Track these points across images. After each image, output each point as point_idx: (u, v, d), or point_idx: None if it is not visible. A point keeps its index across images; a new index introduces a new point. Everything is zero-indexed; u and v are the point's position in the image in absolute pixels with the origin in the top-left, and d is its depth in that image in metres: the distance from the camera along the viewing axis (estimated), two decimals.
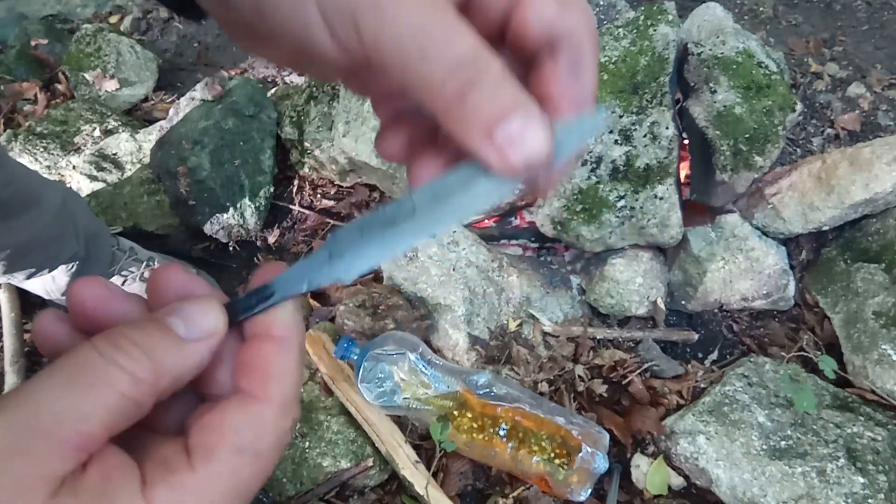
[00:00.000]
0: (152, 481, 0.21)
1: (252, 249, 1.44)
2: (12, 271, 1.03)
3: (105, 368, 0.21)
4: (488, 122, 0.21)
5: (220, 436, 0.22)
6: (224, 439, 0.22)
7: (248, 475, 0.23)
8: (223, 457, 0.22)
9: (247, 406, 0.23)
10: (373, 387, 0.97)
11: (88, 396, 0.21)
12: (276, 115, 1.48)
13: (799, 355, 1.13)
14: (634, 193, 1.10)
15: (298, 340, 0.26)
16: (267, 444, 0.23)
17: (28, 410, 0.20)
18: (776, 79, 1.12)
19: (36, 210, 0.98)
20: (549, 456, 0.93)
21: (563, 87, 0.24)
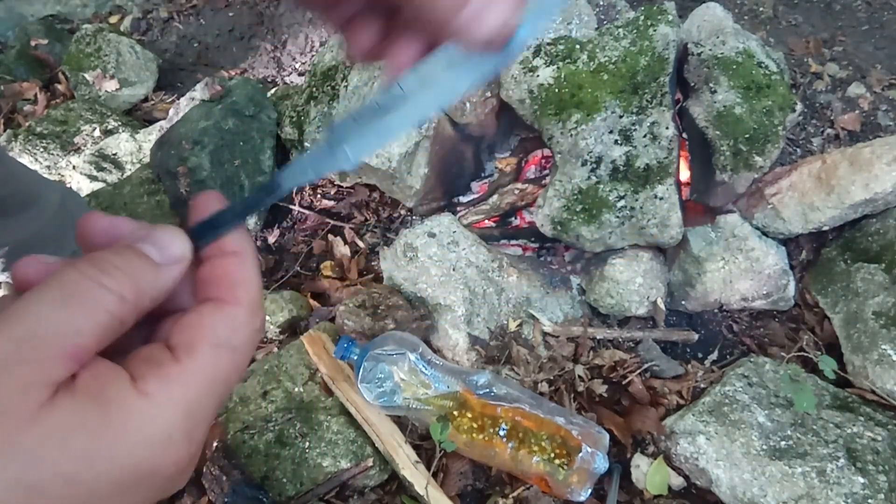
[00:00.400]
0: (141, 376, 0.23)
1: None
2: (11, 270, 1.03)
3: (93, 289, 0.23)
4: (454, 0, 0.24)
5: (199, 333, 0.25)
6: (203, 336, 0.25)
7: (227, 368, 0.25)
8: (204, 350, 0.24)
9: (220, 308, 0.26)
10: (373, 387, 0.97)
11: (80, 313, 0.23)
12: (276, 115, 1.48)
13: (799, 355, 1.13)
14: (634, 193, 1.10)
15: (252, 252, 0.28)
16: (241, 340, 0.26)
17: (26, 324, 0.22)
18: (776, 79, 1.12)
19: (35, 209, 0.99)
20: (549, 456, 0.93)
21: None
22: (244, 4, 1.99)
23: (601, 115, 1.09)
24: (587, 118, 1.10)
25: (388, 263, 1.21)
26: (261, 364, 1.13)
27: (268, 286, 1.36)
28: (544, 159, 1.39)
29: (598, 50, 1.11)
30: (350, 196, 1.46)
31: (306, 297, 1.30)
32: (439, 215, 1.21)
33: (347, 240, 1.40)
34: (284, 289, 1.32)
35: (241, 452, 1.00)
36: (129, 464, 0.22)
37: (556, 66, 1.12)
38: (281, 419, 1.03)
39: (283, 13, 1.95)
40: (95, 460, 0.21)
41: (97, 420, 0.22)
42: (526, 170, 1.39)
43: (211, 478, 0.94)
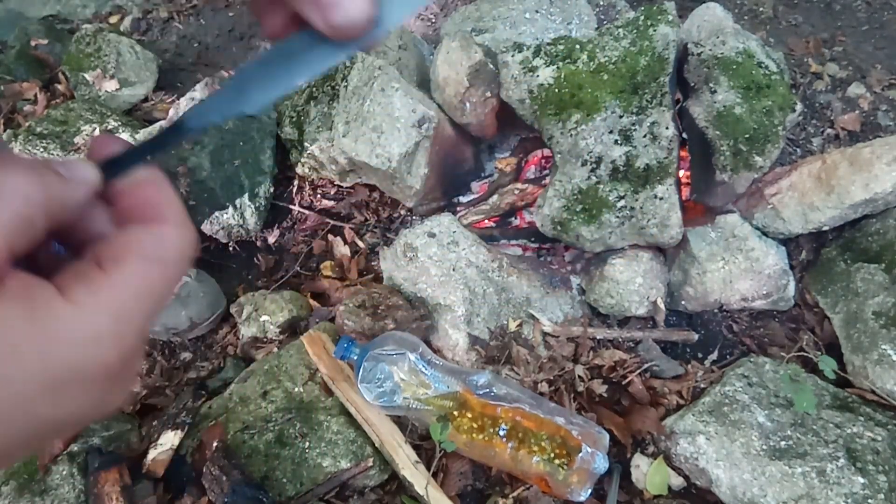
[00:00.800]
0: (69, 286, 0.23)
1: (252, 249, 1.44)
2: None
3: (1, 187, 0.23)
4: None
5: (126, 247, 0.25)
6: (131, 249, 0.25)
7: (157, 279, 0.25)
8: (132, 261, 0.25)
9: (147, 226, 0.26)
10: (373, 387, 0.97)
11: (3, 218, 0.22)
12: (276, 115, 1.48)
13: (799, 355, 1.13)
14: (634, 193, 1.10)
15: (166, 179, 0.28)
16: (171, 254, 0.26)
17: None
18: (776, 79, 1.12)
19: None
20: (549, 456, 0.93)
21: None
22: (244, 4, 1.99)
23: (601, 115, 1.09)
24: (587, 118, 1.10)
25: (388, 263, 1.21)
26: (261, 364, 1.13)
27: (268, 286, 1.36)
28: (544, 159, 1.39)
29: (598, 50, 1.11)
30: (350, 196, 1.46)
31: (306, 297, 1.30)
32: (439, 215, 1.21)
33: (347, 240, 1.40)
34: (284, 289, 1.32)
35: (241, 452, 1.00)
36: (56, 362, 0.22)
37: (556, 66, 1.12)
38: (281, 419, 1.03)
39: None
40: (24, 357, 0.21)
41: (24, 321, 0.22)
42: (526, 170, 1.39)
43: (211, 478, 0.94)
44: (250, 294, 1.29)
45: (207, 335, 1.32)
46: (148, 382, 1.24)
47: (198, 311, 1.26)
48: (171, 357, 1.31)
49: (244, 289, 1.37)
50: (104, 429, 1.07)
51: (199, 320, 1.27)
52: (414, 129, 1.21)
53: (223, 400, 1.09)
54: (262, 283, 1.38)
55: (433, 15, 1.86)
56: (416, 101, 1.21)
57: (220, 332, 1.32)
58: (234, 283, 1.40)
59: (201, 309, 1.27)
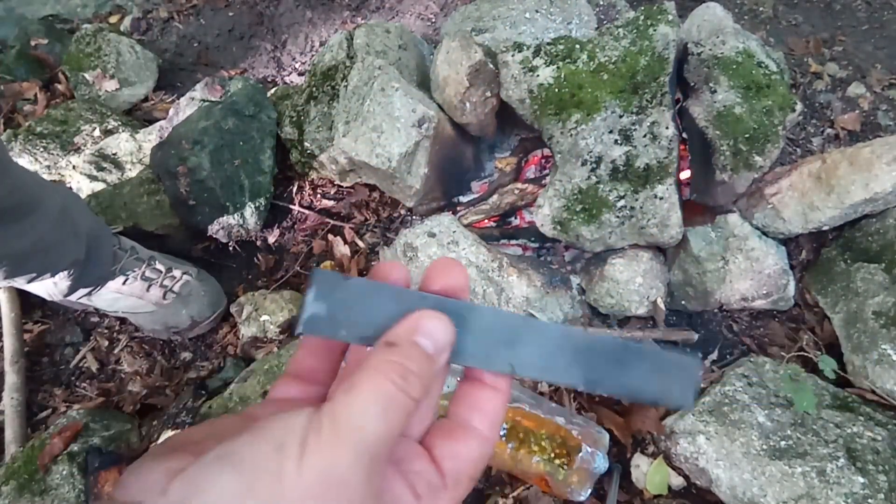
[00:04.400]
0: (422, 496, 0.28)
1: (252, 249, 1.44)
2: (13, 276, 1.03)
3: (403, 398, 0.27)
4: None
5: (466, 467, 0.30)
6: (469, 470, 0.30)
7: (466, 495, 0.30)
8: (465, 483, 0.30)
9: (482, 445, 0.30)
10: None
11: (396, 421, 0.26)
12: (276, 115, 1.48)
13: (799, 355, 1.13)
14: (634, 193, 1.09)
15: (508, 391, 0.33)
16: (480, 474, 0.31)
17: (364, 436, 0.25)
18: (776, 79, 1.12)
19: (36, 215, 0.97)
20: (549, 456, 0.93)
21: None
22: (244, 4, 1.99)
23: (601, 114, 1.09)
24: (587, 118, 1.10)
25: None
26: (261, 364, 1.13)
27: (268, 286, 1.36)
28: (544, 159, 1.39)
29: (598, 50, 1.11)
30: (350, 196, 1.46)
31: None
32: (439, 215, 1.21)
33: (347, 240, 1.40)
34: (284, 289, 1.32)
35: None
36: None
37: (556, 65, 1.12)
38: None
39: (283, 13, 1.95)
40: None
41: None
42: (526, 170, 1.39)
43: None
44: (250, 294, 1.29)
45: (207, 335, 1.32)
46: (148, 382, 1.24)
47: (199, 309, 1.26)
48: (171, 357, 1.31)
49: (244, 289, 1.37)
50: (104, 429, 1.07)
51: (200, 319, 1.27)
52: (414, 129, 1.21)
53: (223, 400, 1.09)
54: (263, 283, 1.38)
55: (433, 15, 1.86)
56: (416, 101, 1.21)
57: (220, 331, 1.32)
58: (234, 283, 1.40)
59: (202, 307, 1.27)
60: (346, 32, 1.48)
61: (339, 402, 0.26)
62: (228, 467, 0.23)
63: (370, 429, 0.25)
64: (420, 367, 0.28)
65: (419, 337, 0.29)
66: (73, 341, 1.33)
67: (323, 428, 0.25)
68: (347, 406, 0.26)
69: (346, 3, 1.94)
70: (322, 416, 0.25)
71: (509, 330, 0.32)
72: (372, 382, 0.27)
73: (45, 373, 1.29)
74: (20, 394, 1.19)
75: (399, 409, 0.26)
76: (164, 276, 1.25)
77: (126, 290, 1.21)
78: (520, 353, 0.31)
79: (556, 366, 0.32)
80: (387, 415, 0.26)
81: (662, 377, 0.32)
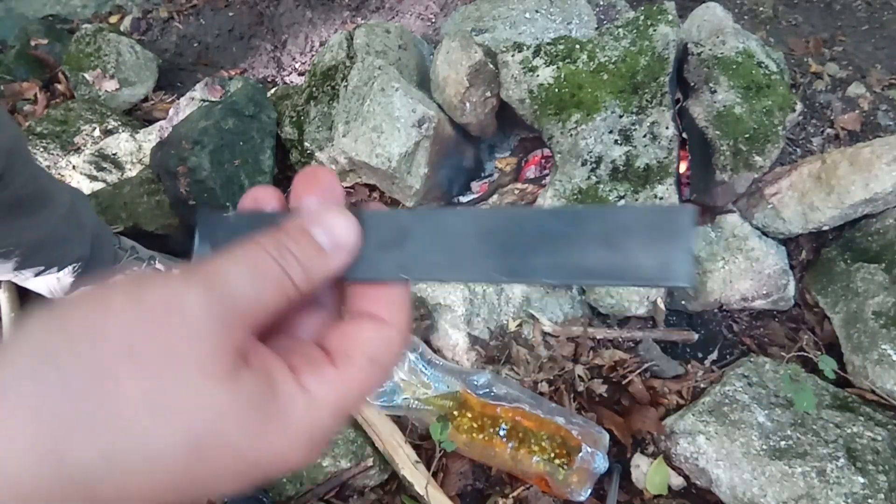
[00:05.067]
0: (301, 371, 0.24)
1: None
2: (23, 268, 1.04)
3: (276, 270, 0.24)
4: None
5: (357, 345, 0.26)
6: (361, 348, 0.26)
7: (373, 382, 0.26)
8: (359, 362, 0.25)
9: (379, 327, 0.26)
10: None
11: (267, 291, 0.24)
12: (276, 115, 1.48)
13: (799, 355, 1.13)
14: (634, 193, 1.09)
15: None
16: (390, 360, 0.26)
17: (222, 287, 0.22)
18: (776, 79, 1.12)
19: (49, 209, 1.00)
20: (549, 456, 0.93)
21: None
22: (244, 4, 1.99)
23: (601, 114, 1.09)
24: (587, 118, 1.10)
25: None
26: None
27: None
28: (544, 159, 1.39)
29: (598, 50, 1.11)
30: (350, 196, 1.46)
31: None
32: None
33: None
34: None
35: None
36: (278, 453, 0.23)
37: (556, 65, 1.12)
38: None
39: (283, 13, 1.95)
40: (262, 444, 0.22)
41: (270, 405, 0.22)
42: (526, 170, 1.39)
43: None
44: None
45: None
46: None
47: None
48: None
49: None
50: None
51: None
52: (414, 129, 1.21)
53: None
54: None
55: (433, 15, 1.86)
56: (416, 101, 1.21)
57: None
58: None
59: None
60: (346, 32, 1.48)
61: (208, 261, 0.23)
62: (54, 307, 0.21)
63: (234, 284, 0.23)
64: (305, 253, 0.25)
65: (313, 227, 0.26)
66: None
67: (176, 274, 0.22)
68: (212, 263, 0.23)
69: (346, 3, 1.94)
70: (181, 268, 0.23)
71: (399, 228, 0.27)
72: (246, 249, 0.24)
73: None
74: None
75: (272, 281, 0.24)
76: None
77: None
78: (410, 251, 0.26)
79: (461, 259, 0.26)
80: (255, 280, 0.23)
81: (628, 243, 0.23)
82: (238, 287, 0.23)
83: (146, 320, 0.21)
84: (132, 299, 0.21)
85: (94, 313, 0.21)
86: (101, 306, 0.21)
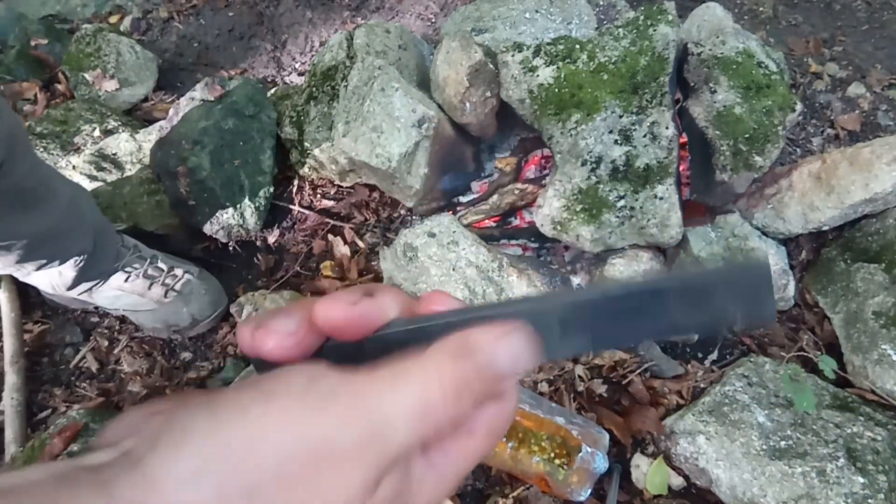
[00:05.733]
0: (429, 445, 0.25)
1: (252, 249, 1.44)
2: (26, 261, 1.04)
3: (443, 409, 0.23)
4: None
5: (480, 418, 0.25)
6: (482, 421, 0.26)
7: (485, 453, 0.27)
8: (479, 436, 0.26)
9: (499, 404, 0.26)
10: None
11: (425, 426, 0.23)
12: (276, 115, 1.48)
13: (799, 355, 1.13)
14: (634, 193, 1.09)
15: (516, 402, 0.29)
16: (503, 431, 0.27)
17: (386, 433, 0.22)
18: (776, 79, 1.12)
19: (51, 202, 1.00)
20: (548, 456, 0.93)
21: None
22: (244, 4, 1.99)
23: (601, 115, 1.09)
24: (587, 118, 1.10)
25: (387, 263, 1.21)
26: None
27: (268, 286, 1.36)
28: (544, 159, 1.38)
29: (598, 50, 1.11)
30: (350, 196, 1.46)
31: (306, 297, 1.30)
32: (439, 215, 1.21)
33: (347, 240, 1.40)
34: (284, 289, 1.32)
35: None
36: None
37: (555, 65, 1.12)
38: None
39: (283, 13, 1.95)
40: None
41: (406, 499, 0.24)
42: (526, 170, 1.39)
43: None
44: (250, 294, 1.29)
45: (207, 335, 1.32)
46: (148, 382, 1.24)
47: (200, 308, 1.26)
48: (171, 357, 1.31)
49: (244, 289, 1.37)
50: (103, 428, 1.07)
51: (200, 317, 1.27)
52: (414, 129, 1.21)
53: None
54: (262, 283, 1.38)
55: (433, 15, 1.86)
56: (416, 101, 1.21)
57: (220, 332, 1.32)
58: (234, 284, 1.39)
59: (203, 306, 1.27)
60: (346, 32, 1.48)
61: (366, 379, 0.22)
62: (206, 408, 0.21)
63: (397, 433, 0.22)
64: (483, 385, 0.24)
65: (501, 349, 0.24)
66: (73, 341, 1.33)
67: (330, 393, 0.21)
68: (377, 386, 0.22)
69: (346, 3, 1.94)
70: (336, 382, 0.22)
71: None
72: (426, 376, 0.23)
73: (45, 373, 1.29)
74: (20, 394, 1.19)
75: (436, 421, 0.23)
76: (166, 274, 1.25)
77: (128, 287, 1.21)
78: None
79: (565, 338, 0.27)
80: (423, 422, 0.22)
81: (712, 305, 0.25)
82: (395, 430, 0.22)
83: (299, 451, 0.20)
84: (289, 427, 0.21)
85: (250, 433, 0.20)
86: (259, 428, 0.20)
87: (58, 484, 0.19)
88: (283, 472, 0.20)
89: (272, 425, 0.20)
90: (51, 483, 0.19)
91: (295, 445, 0.20)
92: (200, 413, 0.21)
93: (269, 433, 0.20)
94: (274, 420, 0.20)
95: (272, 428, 0.20)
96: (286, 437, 0.20)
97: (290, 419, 0.21)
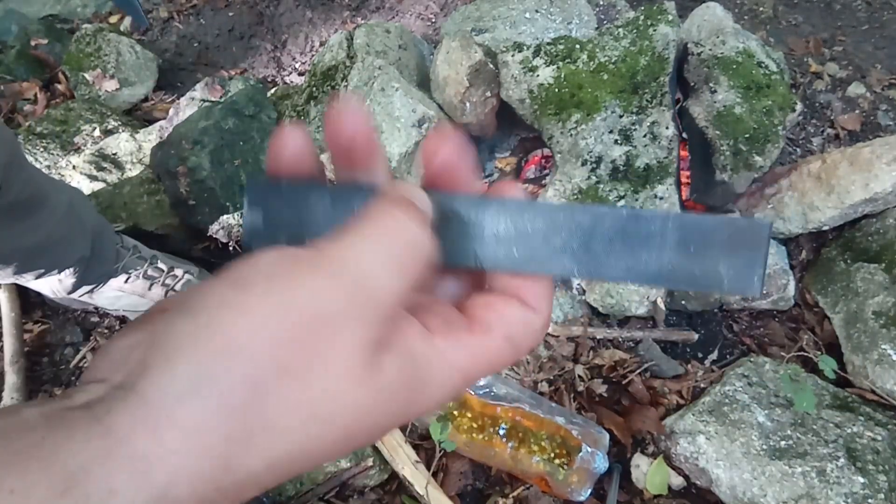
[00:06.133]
0: (437, 331, 0.24)
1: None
2: (23, 272, 1.03)
3: (420, 244, 0.23)
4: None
5: (500, 319, 0.25)
6: (502, 323, 0.25)
7: (503, 361, 0.25)
8: (496, 336, 0.25)
9: (525, 310, 0.26)
10: None
11: (408, 272, 0.22)
12: (276, 115, 1.48)
13: (799, 355, 1.13)
14: (634, 193, 1.10)
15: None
16: (526, 346, 0.26)
17: (355, 275, 0.21)
18: (776, 79, 1.12)
19: (45, 210, 0.99)
20: (549, 456, 0.93)
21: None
22: (244, 4, 1.99)
23: (601, 114, 1.09)
24: (587, 118, 1.10)
25: None
26: None
27: None
28: (544, 159, 1.39)
29: (598, 50, 1.11)
30: None
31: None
32: None
33: None
34: None
35: None
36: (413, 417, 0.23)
37: (556, 65, 1.12)
38: None
39: (283, 13, 1.95)
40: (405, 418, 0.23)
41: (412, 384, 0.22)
42: (526, 170, 1.39)
43: None
44: None
45: None
46: None
47: None
48: None
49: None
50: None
51: None
52: (414, 129, 1.21)
53: None
54: None
55: (433, 15, 1.86)
56: (416, 101, 1.21)
57: None
58: None
59: None
60: (346, 32, 1.48)
61: (335, 245, 0.22)
62: (184, 316, 0.20)
63: (381, 282, 0.21)
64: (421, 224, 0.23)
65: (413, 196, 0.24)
66: (73, 341, 1.33)
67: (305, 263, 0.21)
68: (347, 248, 0.22)
69: (346, 3, 1.94)
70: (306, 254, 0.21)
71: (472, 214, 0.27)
72: (383, 224, 0.22)
73: (45, 373, 1.29)
74: (20, 394, 1.19)
75: (412, 262, 0.22)
76: (166, 275, 1.25)
77: (128, 288, 1.21)
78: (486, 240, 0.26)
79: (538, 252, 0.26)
80: (403, 267, 0.22)
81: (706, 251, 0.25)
82: (386, 286, 0.22)
83: (290, 331, 0.20)
84: (274, 309, 0.20)
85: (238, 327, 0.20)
86: (245, 318, 0.20)
87: (50, 425, 0.18)
88: (280, 358, 0.19)
89: (257, 313, 0.20)
90: (42, 425, 0.18)
91: (285, 327, 0.20)
92: (180, 323, 0.20)
93: (257, 322, 0.20)
94: (257, 307, 0.20)
95: (258, 316, 0.20)
96: (274, 321, 0.20)
97: (273, 301, 0.20)
